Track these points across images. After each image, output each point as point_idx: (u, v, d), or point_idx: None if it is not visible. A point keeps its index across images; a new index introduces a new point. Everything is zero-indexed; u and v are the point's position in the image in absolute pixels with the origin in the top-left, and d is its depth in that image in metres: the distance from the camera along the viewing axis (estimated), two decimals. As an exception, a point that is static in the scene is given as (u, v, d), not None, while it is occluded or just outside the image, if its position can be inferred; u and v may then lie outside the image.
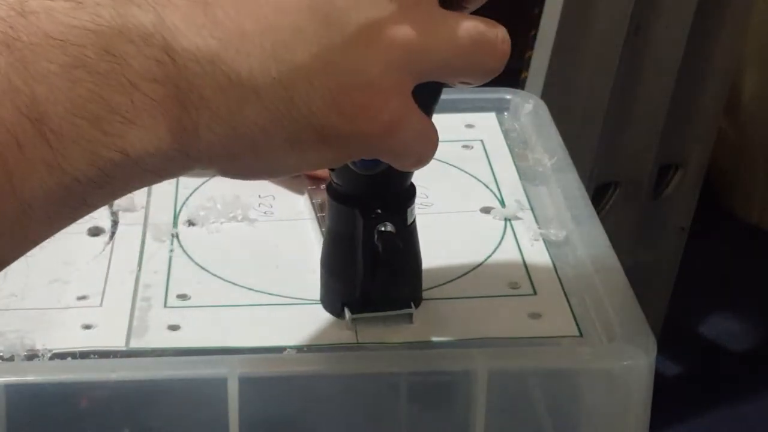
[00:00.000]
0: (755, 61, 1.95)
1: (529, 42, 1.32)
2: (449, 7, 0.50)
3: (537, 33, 1.31)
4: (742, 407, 1.69)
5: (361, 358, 0.57)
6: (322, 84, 0.46)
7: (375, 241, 0.56)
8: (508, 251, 0.65)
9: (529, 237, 0.66)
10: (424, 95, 0.50)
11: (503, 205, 0.69)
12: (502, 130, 0.78)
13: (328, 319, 0.59)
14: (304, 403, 0.57)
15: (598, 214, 0.67)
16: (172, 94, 0.44)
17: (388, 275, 0.57)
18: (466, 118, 0.78)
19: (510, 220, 0.67)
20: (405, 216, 0.57)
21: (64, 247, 0.64)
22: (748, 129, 2.02)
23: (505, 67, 0.51)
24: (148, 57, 0.43)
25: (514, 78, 1.31)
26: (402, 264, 0.57)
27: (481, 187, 0.72)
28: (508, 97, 0.80)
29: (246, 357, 0.55)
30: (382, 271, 0.57)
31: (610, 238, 0.64)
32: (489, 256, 0.64)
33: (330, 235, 0.58)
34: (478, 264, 0.63)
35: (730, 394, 1.70)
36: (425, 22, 0.48)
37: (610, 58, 1.36)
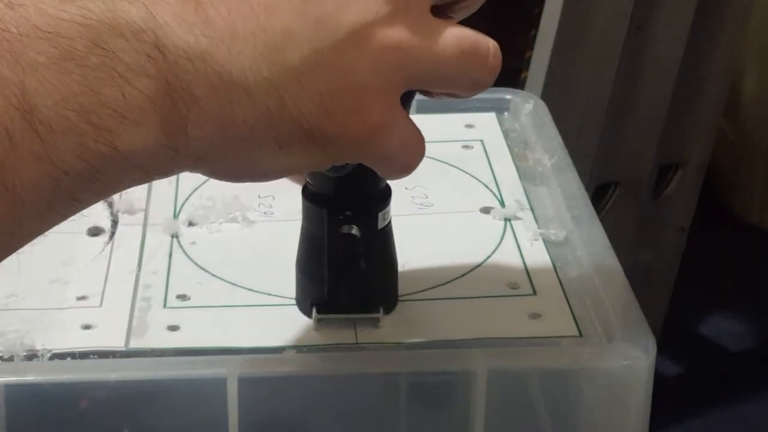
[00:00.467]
0: (755, 61, 1.95)
1: (529, 42, 1.32)
2: (438, 16, 0.50)
3: (537, 33, 1.31)
4: (742, 407, 1.69)
5: (361, 358, 0.57)
6: (312, 85, 0.46)
7: (337, 244, 0.56)
8: (508, 251, 0.65)
9: (528, 237, 0.66)
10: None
11: (503, 205, 0.69)
12: (502, 130, 0.78)
13: (328, 318, 0.59)
14: (304, 403, 0.57)
15: (598, 214, 0.67)
16: (162, 90, 0.44)
17: (353, 278, 0.57)
18: (466, 118, 0.79)
19: (510, 220, 0.67)
20: (375, 219, 0.57)
21: (64, 248, 0.64)
22: (748, 129, 2.02)
23: (504, 67, 0.51)
24: (139, 52, 0.43)
25: (514, 78, 1.31)
26: (368, 267, 0.57)
27: (481, 187, 0.72)
28: (508, 97, 0.80)
29: (246, 357, 0.55)
30: (347, 274, 0.57)
31: (610, 238, 0.64)
32: (489, 256, 0.64)
33: (302, 234, 0.58)
34: (478, 264, 0.63)
35: (730, 394, 1.71)
36: (415, 28, 0.48)
37: (610, 58, 1.36)
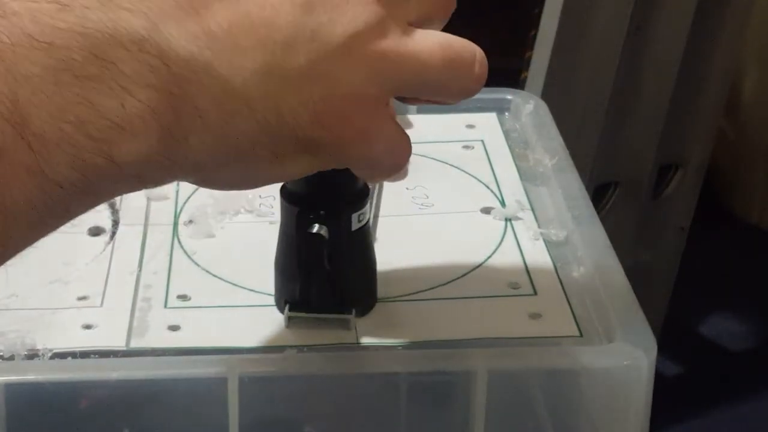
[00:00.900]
0: (755, 61, 1.95)
1: (529, 42, 1.32)
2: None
3: (537, 33, 1.31)
4: (742, 407, 1.69)
5: (361, 358, 0.57)
6: (307, 96, 0.46)
7: (304, 243, 0.56)
8: (509, 251, 0.65)
9: (529, 237, 0.66)
10: None
11: (503, 205, 0.69)
12: (503, 131, 0.78)
13: (328, 318, 0.59)
14: (304, 403, 0.57)
15: (598, 214, 0.67)
16: (165, 101, 0.43)
17: (321, 278, 0.57)
18: (466, 119, 0.79)
19: (510, 221, 0.67)
20: (348, 221, 0.56)
21: (65, 247, 0.64)
22: (748, 129, 2.02)
23: (504, 67, 0.51)
24: (141, 63, 0.43)
25: (514, 78, 1.31)
26: (339, 268, 0.57)
27: (481, 187, 0.72)
28: (509, 97, 0.80)
29: (246, 357, 0.56)
30: (315, 273, 0.57)
31: (610, 238, 0.64)
32: (489, 257, 0.64)
33: (279, 231, 0.58)
34: (478, 264, 0.63)
35: (730, 394, 1.71)
36: (402, 37, 0.48)
37: (610, 58, 1.36)
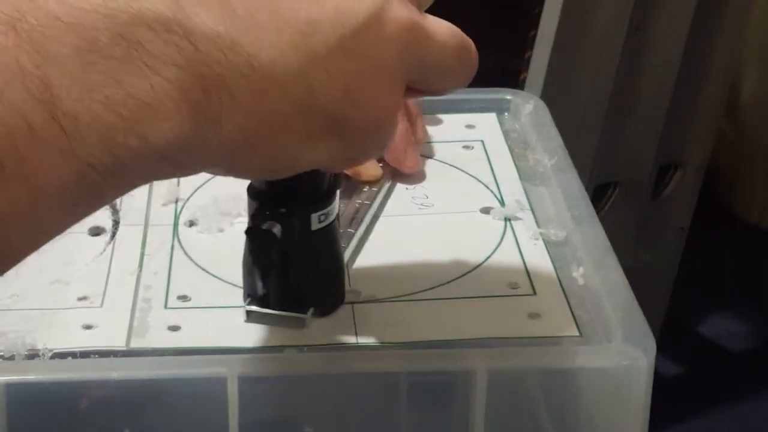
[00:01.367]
0: (755, 61, 1.95)
1: (529, 42, 1.32)
2: None
3: (537, 33, 1.31)
4: (742, 407, 1.69)
5: (361, 358, 0.57)
6: (338, 72, 0.46)
7: (256, 239, 0.56)
8: (508, 251, 0.65)
9: (529, 237, 0.66)
10: None
11: (503, 205, 0.69)
12: (503, 131, 0.78)
13: (328, 319, 0.59)
14: (304, 403, 0.57)
15: (598, 214, 0.67)
16: (193, 80, 0.43)
17: (274, 275, 0.57)
18: (466, 119, 0.79)
19: (510, 221, 0.67)
20: (307, 220, 0.56)
21: (65, 248, 0.64)
22: (748, 129, 2.02)
23: (504, 67, 0.52)
24: (167, 42, 0.43)
25: (514, 78, 1.31)
26: (294, 267, 0.57)
27: (481, 187, 0.72)
28: (509, 97, 0.80)
29: (246, 357, 0.56)
30: (268, 271, 0.57)
31: (610, 238, 0.64)
32: (489, 257, 0.64)
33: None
34: (478, 264, 0.64)
35: (730, 394, 1.71)
36: (422, 16, 0.49)
37: (609, 58, 1.36)
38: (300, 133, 0.47)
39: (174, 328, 0.58)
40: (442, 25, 0.50)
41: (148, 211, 0.68)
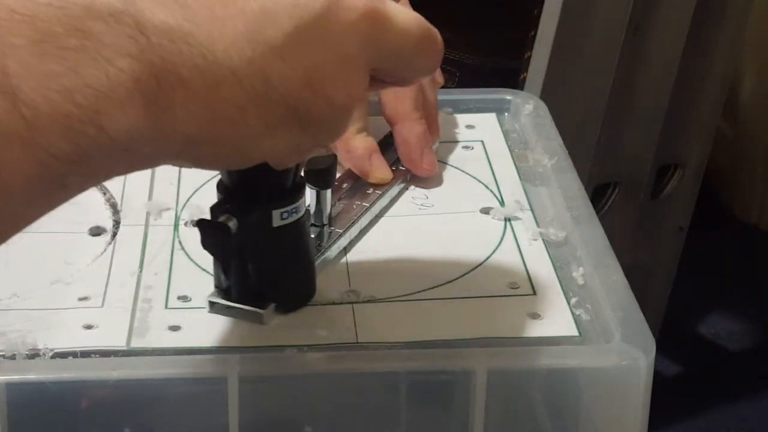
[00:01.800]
0: (754, 62, 1.95)
1: (528, 42, 1.32)
2: None
3: (536, 33, 1.31)
4: (742, 407, 1.69)
5: (361, 357, 0.57)
6: (296, 61, 0.46)
7: (212, 232, 0.56)
8: (508, 251, 0.65)
9: (528, 237, 0.66)
10: None
11: (503, 205, 0.69)
12: (503, 131, 0.78)
13: (328, 319, 0.59)
14: (304, 402, 0.57)
15: (598, 214, 0.67)
16: (147, 70, 0.44)
17: (235, 269, 0.58)
18: (466, 119, 0.79)
19: (510, 221, 0.68)
20: (268, 216, 0.56)
21: (66, 247, 0.64)
22: (747, 129, 2.02)
23: (504, 67, 0.52)
24: (120, 33, 0.43)
25: (514, 78, 1.31)
26: (250, 262, 0.57)
27: (481, 187, 0.72)
28: (509, 97, 0.80)
29: (246, 357, 0.56)
30: (227, 264, 0.58)
31: (609, 238, 0.64)
32: (489, 257, 0.64)
33: None
34: (478, 264, 0.64)
35: (730, 394, 1.71)
36: (386, 3, 0.49)
37: (609, 59, 1.36)
38: (257, 124, 0.47)
39: (174, 328, 0.58)
40: (405, 13, 0.50)
41: (148, 211, 0.68)
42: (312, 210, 0.64)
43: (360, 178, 0.70)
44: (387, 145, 0.72)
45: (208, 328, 0.58)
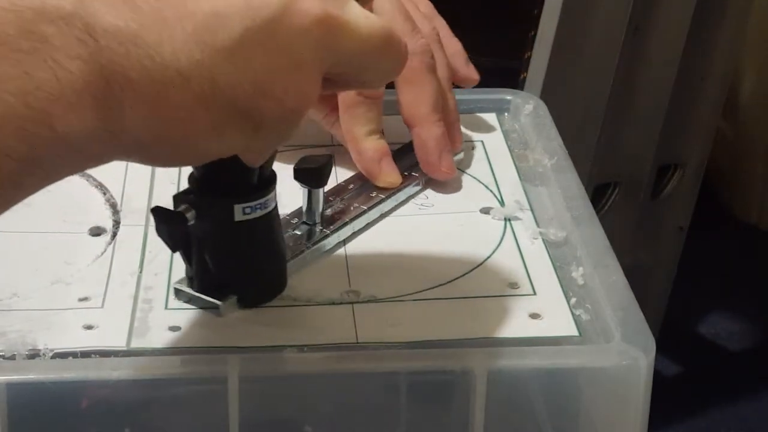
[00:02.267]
0: (754, 62, 1.95)
1: (528, 42, 1.32)
2: None
3: (536, 33, 1.31)
4: (742, 407, 1.69)
5: (361, 357, 0.57)
6: (247, 65, 0.46)
7: (173, 220, 0.57)
8: (508, 251, 0.65)
9: (528, 237, 0.66)
10: None
11: (503, 205, 0.69)
12: (503, 131, 0.78)
13: (328, 318, 0.59)
14: (304, 402, 0.57)
15: (598, 214, 0.67)
16: (96, 73, 0.44)
17: (194, 259, 0.58)
18: (466, 119, 0.79)
19: (509, 221, 0.68)
20: (229, 210, 0.56)
21: (66, 247, 0.64)
22: (747, 129, 2.02)
23: (504, 67, 0.52)
24: (69, 37, 0.44)
25: (514, 78, 1.31)
26: (209, 254, 0.58)
27: (481, 187, 0.72)
28: (509, 97, 0.80)
29: (246, 357, 0.56)
30: (185, 254, 0.58)
31: (609, 238, 0.64)
32: (489, 256, 0.64)
33: None
34: (478, 264, 0.64)
35: (730, 394, 1.71)
36: (345, 8, 0.49)
37: (609, 59, 1.36)
38: (205, 125, 0.47)
39: (174, 328, 0.58)
40: (365, 18, 0.50)
41: (148, 212, 0.68)
42: (304, 208, 0.65)
43: (368, 181, 0.70)
44: (407, 151, 0.72)
45: (208, 328, 0.58)
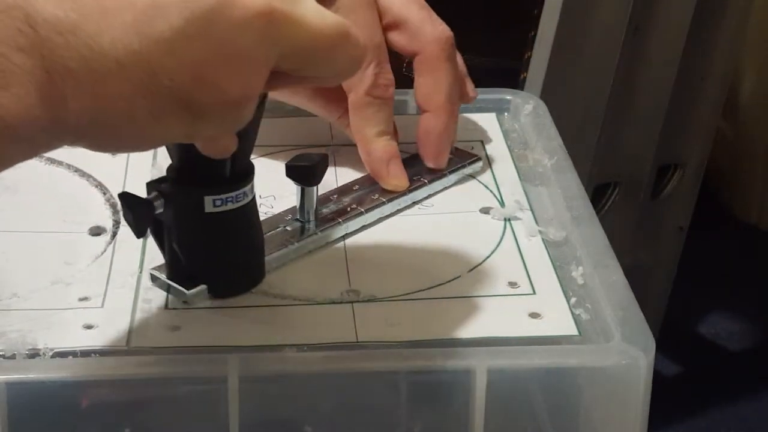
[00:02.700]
0: (753, 62, 1.95)
1: (528, 42, 1.32)
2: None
3: (536, 33, 1.31)
4: (742, 407, 1.69)
5: (360, 356, 0.57)
6: (185, 56, 0.47)
7: (142, 205, 0.57)
8: (508, 251, 0.65)
9: (528, 237, 0.66)
10: None
11: (503, 205, 0.69)
12: (502, 131, 0.78)
13: (328, 318, 0.59)
14: (304, 402, 0.57)
15: (598, 214, 0.67)
16: (38, 63, 0.45)
17: (166, 247, 0.59)
18: (466, 119, 0.79)
19: (509, 220, 0.68)
20: (199, 201, 0.57)
21: (66, 247, 0.64)
22: (747, 129, 2.02)
23: (504, 67, 0.52)
24: (11, 28, 0.44)
25: (514, 78, 1.31)
26: (183, 244, 0.58)
27: (480, 187, 0.72)
28: (509, 97, 0.80)
29: (246, 357, 0.56)
30: (158, 241, 0.59)
31: (609, 238, 0.64)
32: (488, 256, 0.64)
33: None
34: (478, 263, 0.64)
35: (730, 394, 1.71)
36: (295, 3, 0.49)
37: (609, 59, 1.36)
38: (145, 114, 0.47)
39: (174, 328, 0.58)
40: (317, 14, 0.50)
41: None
42: (297, 206, 0.65)
43: (376, 185, 0.70)
44: (417, 158, 0.72)
45: (208, 328, 0.58)
